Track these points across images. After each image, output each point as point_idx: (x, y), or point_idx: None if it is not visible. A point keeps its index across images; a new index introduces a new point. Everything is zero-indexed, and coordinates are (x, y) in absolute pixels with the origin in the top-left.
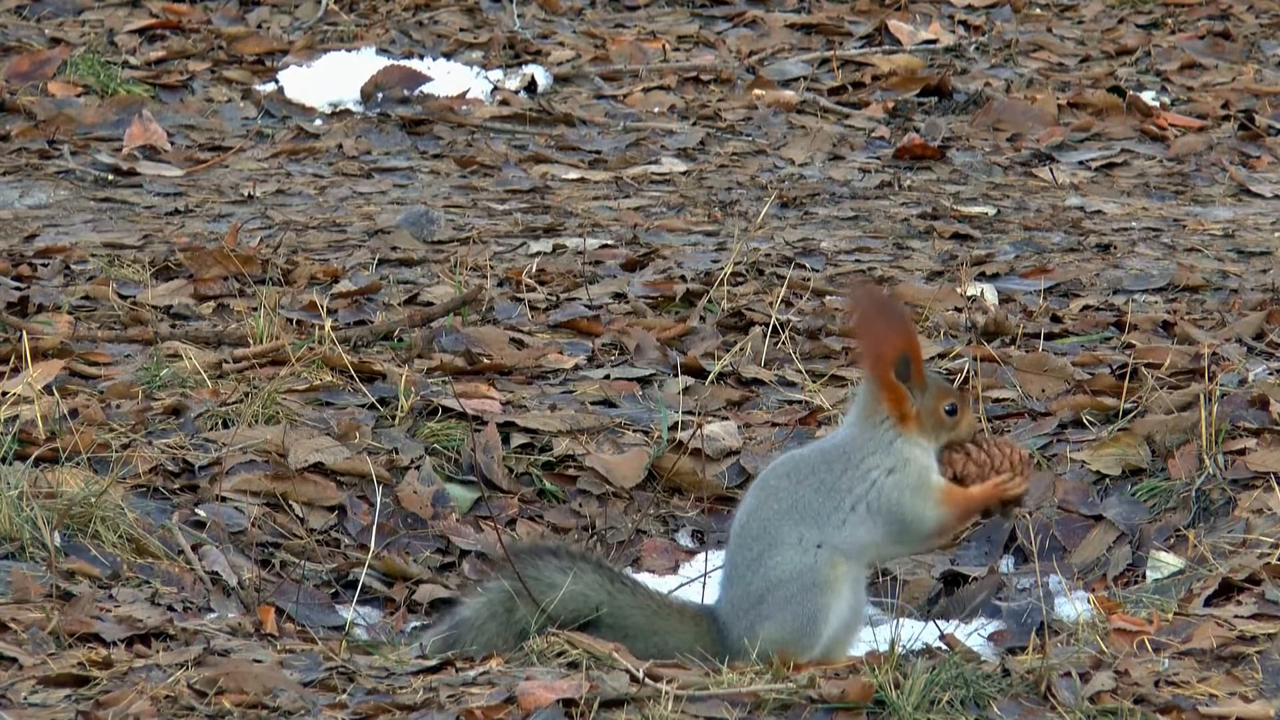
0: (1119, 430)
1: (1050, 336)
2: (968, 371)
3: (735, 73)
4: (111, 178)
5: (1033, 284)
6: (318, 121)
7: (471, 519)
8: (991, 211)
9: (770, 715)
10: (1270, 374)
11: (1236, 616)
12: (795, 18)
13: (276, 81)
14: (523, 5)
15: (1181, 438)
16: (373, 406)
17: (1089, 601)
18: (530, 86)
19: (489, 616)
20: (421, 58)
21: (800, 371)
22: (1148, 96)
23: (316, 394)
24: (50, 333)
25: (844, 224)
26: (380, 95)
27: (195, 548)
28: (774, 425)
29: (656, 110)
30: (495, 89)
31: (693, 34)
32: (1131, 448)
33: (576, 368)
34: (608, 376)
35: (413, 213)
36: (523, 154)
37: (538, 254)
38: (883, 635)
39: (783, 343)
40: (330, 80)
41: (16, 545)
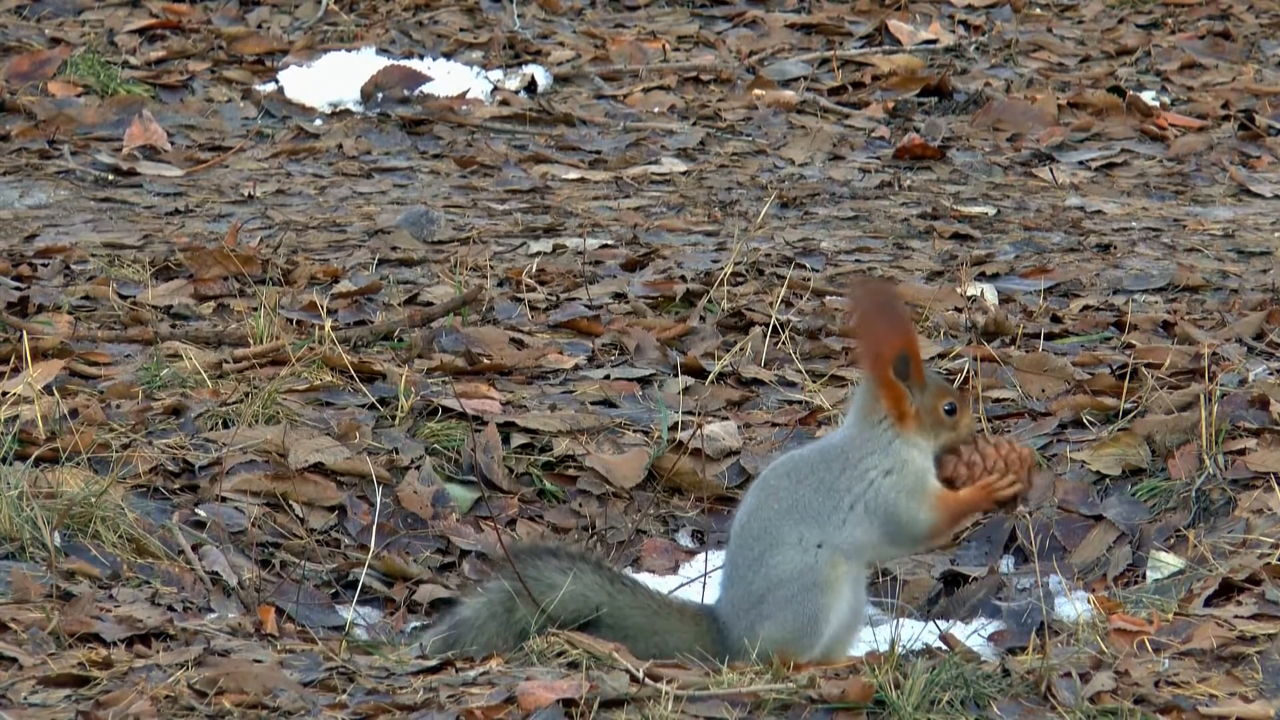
0: (1119, 430)
1: (1050, 336)
2: (968, 371)
3: (735, 73)
4: (111, 178)
5: (1033, 284)
6: (318, 121)
7: (471, 519)
8: (991, 211)
9: (770, 715)
10: (1270, 374)
11: (1236, 616)
12: (795, 18)
13: (276, 81)
14: (523, 5)
15: (1181, 438)
16: (373, 406)
17: (1089, 601)
18: (530, 86)
19: (489, 617)
20: (421, 58)
21: (800, 371)
22: (1148, 96)
23: (316, 394)
24: (50, 333)
25: (844, 224)
26: (380, 95)
27: (195, 548)
28: (774, 425)
29: (656, 110)
30: (495, 89)
31: (693, 34)
32: (1131, 448)
33: (576, 368)
34: (608, 376)
35: (413, 213)
36: (523, 154)
37: (538, 254)
38: (883, 635)
39: (783, 343)
40: (330, 80)
41: (16, 545)
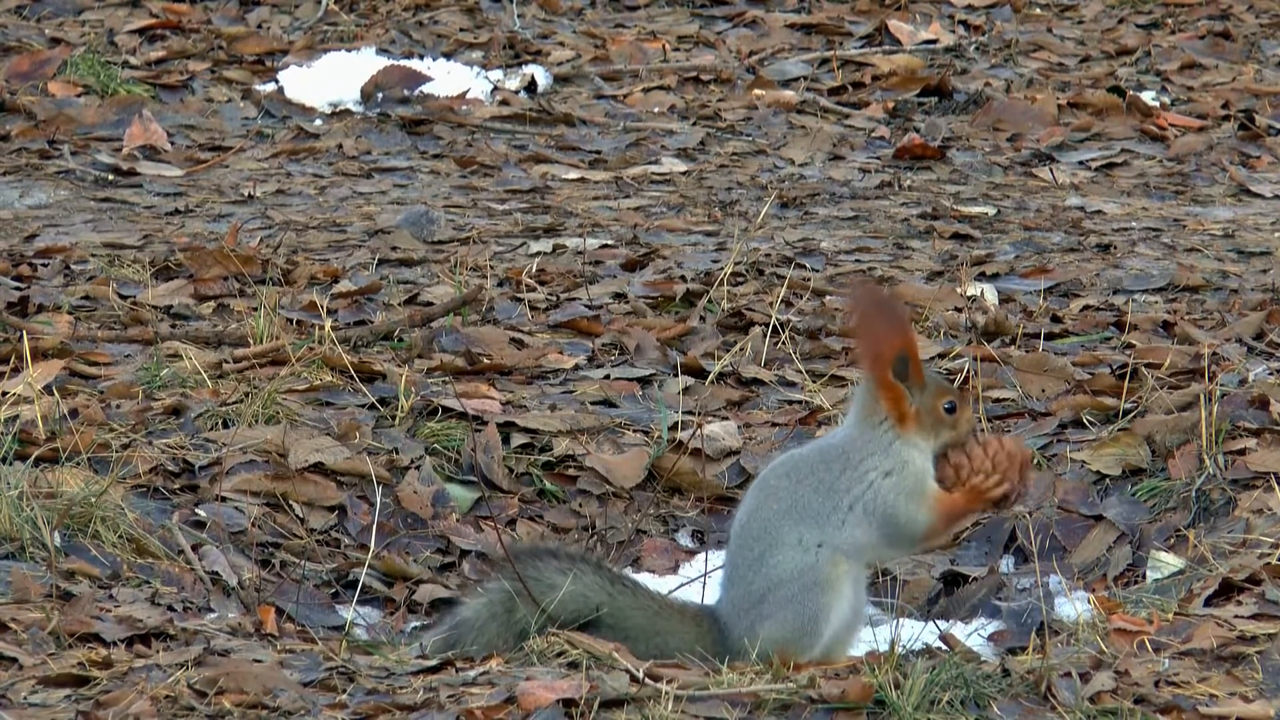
0: (1119, 430)
1: (1050, 336)
2: (968, 371)
3: (735, 73)
4: (111, 178)
5: (1033, 284)
6: (318, 121)
7: (471, 519)
8: (991, 211)
9: (770, 715)
10: (1270, 374)
11: (1236, 616)
12: (795, 18)
13: (276, 81)
14: (523, 5)
15: (1181, 438)
16: (373, 406)
17: (1089, 601)
18: (530, 86)
19: (489, 617)
20: (421, 58)
21: (800, 371)
22: (1148, 96)
23: (316, 394)
24: (50, 333)
25: (844, 224)
26: (380, 95)
27: (195, 548)
28: (774, 425)
29: (656, 110)
30: (495, 89)
31: (693, 34)
32: (1131, 448)
33: (576, 368)
34: (608, 376)
35: (413, 213)
36: (523, 154)
37: (538, 254)
38: (883, 635)
39: (783, 343)
40: (330, 80)
41: (16, 545)
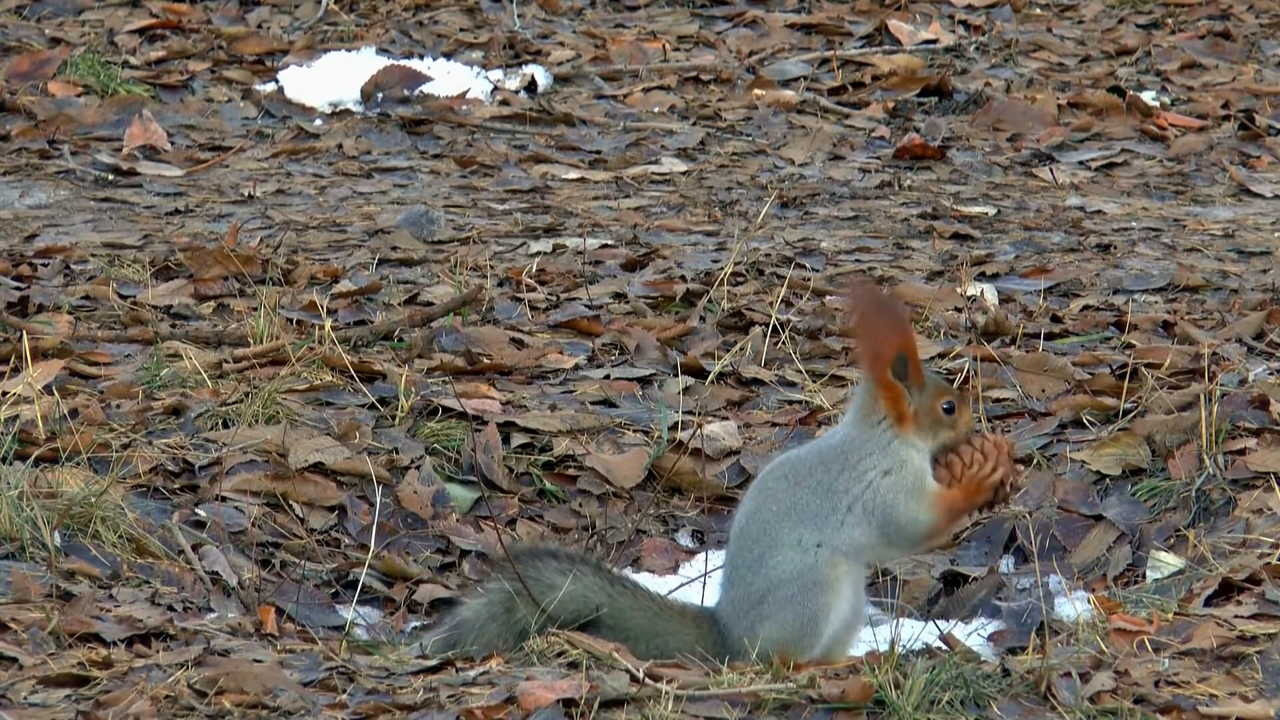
0: (1119, 430)
1: (1050, 336)
2: (968, 371)
3: (735, 73)
4: (111, 178)
5: (1033, 284)
6: (318, 121)
7: (471, 519)
8: (991, 211)
9: (770, 715)
10: (1270, 374)
11: (1236, 616)
12: (795, 18)
13: (276, 81)
14: (523, 5)
15: (1181, 438)
16: (373, 406)
17: (1089, 601)
18: (530, 86)
19: (489, 617)
20: (421, 58)
21: (800, 371)
22: (1148, 96)
23: (316, 394)
24: (50, 333)
25: (844, 224)
26: (380, 95)
27: (195, 548)
28: (774, 425)
29: (656, 110)
30: (495, 89)
31: (693, 34)
32: (1131, 448)
33: (576, 368)
34: (608, 376)
35: (413, 213)
36: (523, 154)
37: (538, 254)
38: (883, 635)
39: (783, 343)
40: (330, 80)
41: (16, 545)
